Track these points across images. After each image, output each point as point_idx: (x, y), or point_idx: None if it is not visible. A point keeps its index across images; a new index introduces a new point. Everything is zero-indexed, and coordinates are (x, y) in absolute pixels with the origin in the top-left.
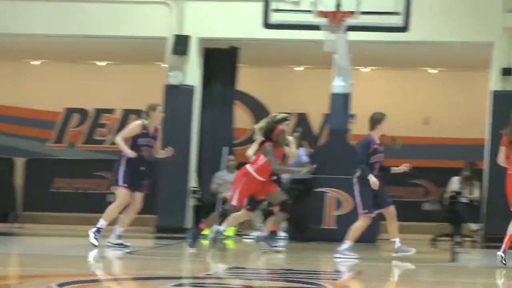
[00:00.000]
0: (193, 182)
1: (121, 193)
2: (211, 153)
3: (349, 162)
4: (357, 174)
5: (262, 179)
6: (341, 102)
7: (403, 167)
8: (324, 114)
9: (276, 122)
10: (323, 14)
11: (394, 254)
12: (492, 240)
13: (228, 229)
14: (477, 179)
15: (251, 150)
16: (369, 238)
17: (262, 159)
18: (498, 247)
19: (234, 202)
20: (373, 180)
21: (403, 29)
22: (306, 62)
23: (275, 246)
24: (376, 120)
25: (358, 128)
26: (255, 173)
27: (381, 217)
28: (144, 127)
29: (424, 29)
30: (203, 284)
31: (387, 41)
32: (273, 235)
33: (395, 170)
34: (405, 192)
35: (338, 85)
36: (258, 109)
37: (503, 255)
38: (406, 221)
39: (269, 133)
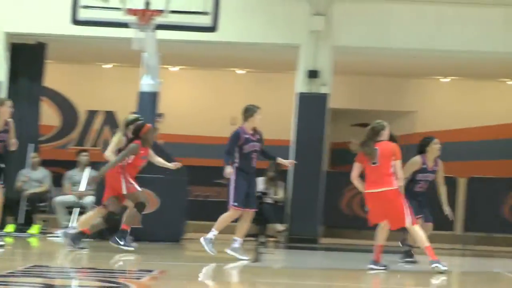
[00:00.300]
0: None
1: None
2: (17, 150)
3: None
4: (235, 165)
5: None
6: (149, 100)
7: (288, 162)
8: (132, 112)
9: (128, 123)
10: (132, 12)
11: (227, 251)
12: (296, 240)
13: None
14: (282, 180)
15: (109, 150)
16: (173, 237)
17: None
18: (302, 248)
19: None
20: (227, 171)
21: (211, 29)
22: (115, 59)
23: (126, 246)
24: (248, 112)
25: (167, 127)
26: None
27: (190, 217)
28: None
29: (233, 30)
30: (4, 282)
31: (195, 41)
32: (82, 234)
33: (280, 160)
34: (212, 191)
35: (146, 83)
36: (65, 106)
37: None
38: (212, 221)
39: (137, 132)
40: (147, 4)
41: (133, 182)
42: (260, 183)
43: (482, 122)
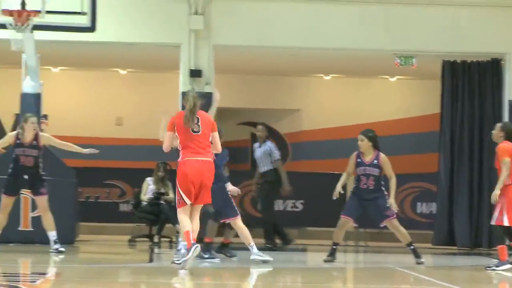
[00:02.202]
0: None
1: None
2: None
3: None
4: None
5: None
6: (32, 102)
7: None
8: (16, 114)
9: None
10: (8, 12)
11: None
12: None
13: None
14: (170, 180)
15: None
16: (66, 239)
17: None
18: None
19: None
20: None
21: (90, 29)
22: None
23: (211, 258)
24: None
25: (52, 128)
26: None
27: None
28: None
29: (112, 30)
30: None
31: (75, 41)
32: None
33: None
34: (102, 192)
35: (28, 85)
36: None
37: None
38: (103, 222)
39: None
40: (23, 4)
41: None
42: (150, 183)
43: (366, 119)
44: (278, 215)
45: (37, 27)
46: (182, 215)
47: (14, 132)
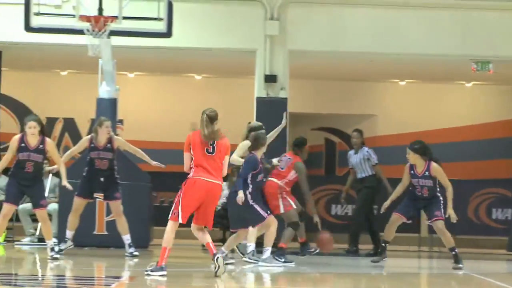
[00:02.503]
0: None
1: None
2: None
3: (120, 168)
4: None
5: None
6: (108, 107)
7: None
8: (91, 119)
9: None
10: (86, 18)
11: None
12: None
13: None
14: None
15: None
16: (140, 243)
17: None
18: None
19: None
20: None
21: (166, 35)
22: (72, 66)
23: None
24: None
25: (127, 133)
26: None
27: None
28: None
29: (188, 35)
30: None
31: (151, 47)
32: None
33: None
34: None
35: (104, 90)
36: (24, 114)
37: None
38: (178, 227)
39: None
40: (100, 10)
41: (290, 200)
42: (225, 188)
43: (442, 125)
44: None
45: (114, 33)
46: (170, 229)
47: (88, 136)
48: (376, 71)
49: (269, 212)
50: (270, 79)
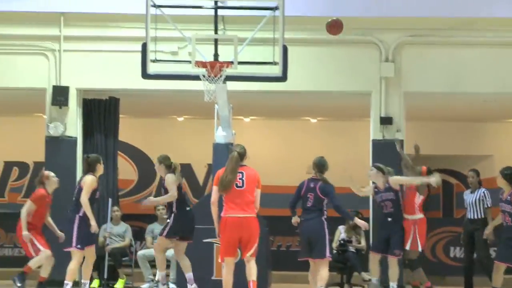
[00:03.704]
0: None
1: None
2: (96, 205)
3: None
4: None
5: None
6: (224, 152)
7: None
8: (208, 164)
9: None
10: (202, 64)
11: None
12: None
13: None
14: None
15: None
16: None
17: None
18: None
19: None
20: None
21: (281, 79)
22: (188, 112)
23: None
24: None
25: None
26: None
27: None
28: None
29: (303, 79)
30: None
31: (266, 91)
32: None
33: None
34: (293, 241)
35: (220, 135)
36: (142, 160)
37: None
38: (295, 271)
39: None
40: (216, 56)
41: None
42: (342, 231)
43: None
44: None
45: (229, 78)
46: (224, 271)
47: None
48: (491, 111)
49: None
50: (386, 121)
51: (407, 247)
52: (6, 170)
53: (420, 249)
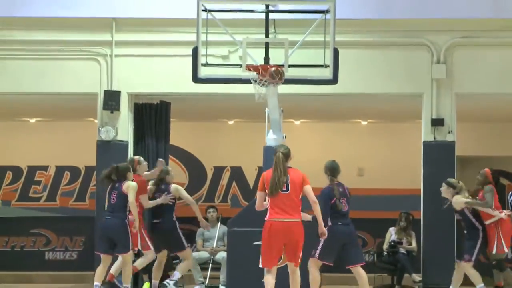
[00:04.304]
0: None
1: None
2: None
3: None
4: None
5: None
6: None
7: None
8: (258, 167)
9: None
10: (253, 67)
11: None
12: None
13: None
14: (413, 229)
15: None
16: None
17: None
18: None
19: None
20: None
21: (332, 81)
22: (238, 115)
23: None
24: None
25: None
26: None
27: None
28: None
29: (353, 81)
30: None
31: (317, 94)
32: None
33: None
34: None
35: (271, 138)
36: (192, 164)
37: None
38: (345, 273)
39: None
40: (267, 59)
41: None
42: (392, 233)
43: None
44: None
45: None
46: (266, 276)
47: None
48: None
49: None
50: (437, 122)
51: (494, 251)
52: (57, 175)
53: (506, 250)
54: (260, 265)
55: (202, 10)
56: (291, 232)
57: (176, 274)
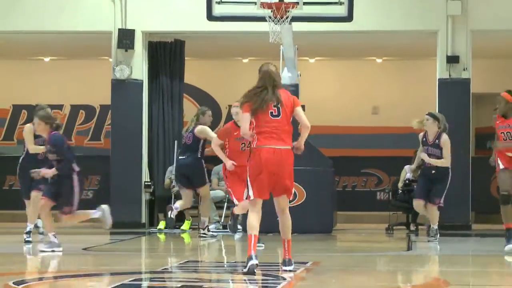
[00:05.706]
0: (145, 176)
1: None
2: (162, 147)
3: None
4: None
5: None
6: (290, 93)
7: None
8: None
9: None
10: (267, 5)
11: None
12: (448, 228)
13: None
14: None
15: None
16: (324, 228)
17: None
18: (455, 235)
19: None
20: None
21: (347, 19)
22: (253, 54)
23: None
24: None
25: (309, 119)
26: None
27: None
28: None
29: (368, 18)
30: (160, 278)
31: (332, 31)
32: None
33: None
34: (358, 181)
35: (286, 76)
36: (207, 102)
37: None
38: (361, 211)
39: None
40: None
41: None
42: (408, 171)
43: None
44: None
45: (294, 19)
46: (250, 213)
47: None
48: None
49: None
50: (452, 60)
51: None
52: (72, 114)
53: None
54: (252, 197)
55: None
56: (283, 159)
57: (203, 220)
